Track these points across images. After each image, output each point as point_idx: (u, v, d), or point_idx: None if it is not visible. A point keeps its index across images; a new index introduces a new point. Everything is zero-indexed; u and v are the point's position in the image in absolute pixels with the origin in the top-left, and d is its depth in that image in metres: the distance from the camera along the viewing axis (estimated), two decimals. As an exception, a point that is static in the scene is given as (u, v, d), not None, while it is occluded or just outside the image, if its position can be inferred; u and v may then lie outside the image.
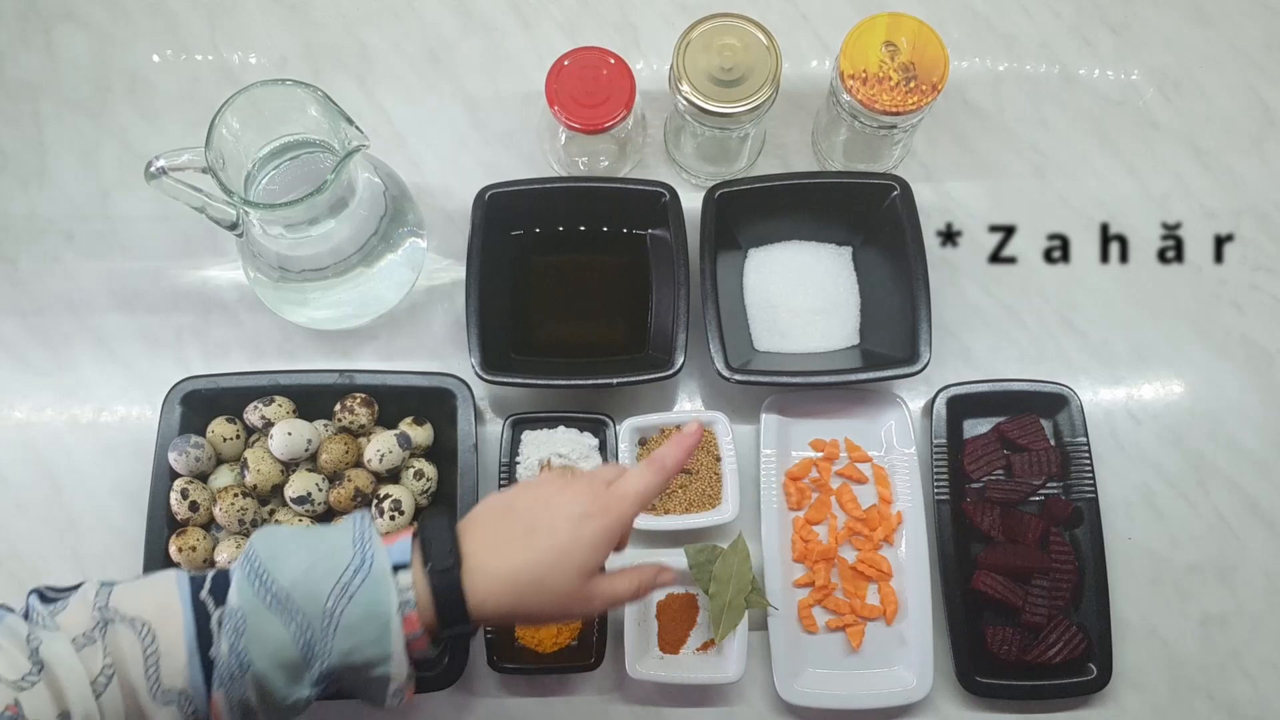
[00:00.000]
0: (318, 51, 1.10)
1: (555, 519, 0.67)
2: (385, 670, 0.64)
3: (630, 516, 0.70)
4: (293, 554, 0.64)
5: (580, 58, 0.96)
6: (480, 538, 0.67)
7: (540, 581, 0.66)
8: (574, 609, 0.69)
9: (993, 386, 0.99)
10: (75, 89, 1.08)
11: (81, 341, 1.03)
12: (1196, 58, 1.11)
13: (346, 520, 0.68)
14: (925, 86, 0.91)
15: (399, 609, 0.63)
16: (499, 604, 0.66)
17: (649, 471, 0.71)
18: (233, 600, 0.62)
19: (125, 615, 0.62)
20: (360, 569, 0.63)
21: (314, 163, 0.92)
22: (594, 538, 0.67)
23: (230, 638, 0.61)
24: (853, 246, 1.03)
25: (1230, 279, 1.05)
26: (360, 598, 0.63)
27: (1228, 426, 1.02)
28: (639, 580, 0.72)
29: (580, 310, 1.02)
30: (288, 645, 0.62)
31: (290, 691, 0.63)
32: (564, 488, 0.70)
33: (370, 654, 0.63)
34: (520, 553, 0.66)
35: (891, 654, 0.95)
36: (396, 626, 0.63)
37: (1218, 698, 0.96)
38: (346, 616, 0.62)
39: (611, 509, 0.68)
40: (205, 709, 0.63)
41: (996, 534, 0.95)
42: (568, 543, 0.66)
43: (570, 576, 0.67)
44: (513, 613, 0.67)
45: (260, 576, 0.63)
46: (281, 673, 0.62)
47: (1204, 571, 0.99)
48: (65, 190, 1.06)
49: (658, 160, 1.08)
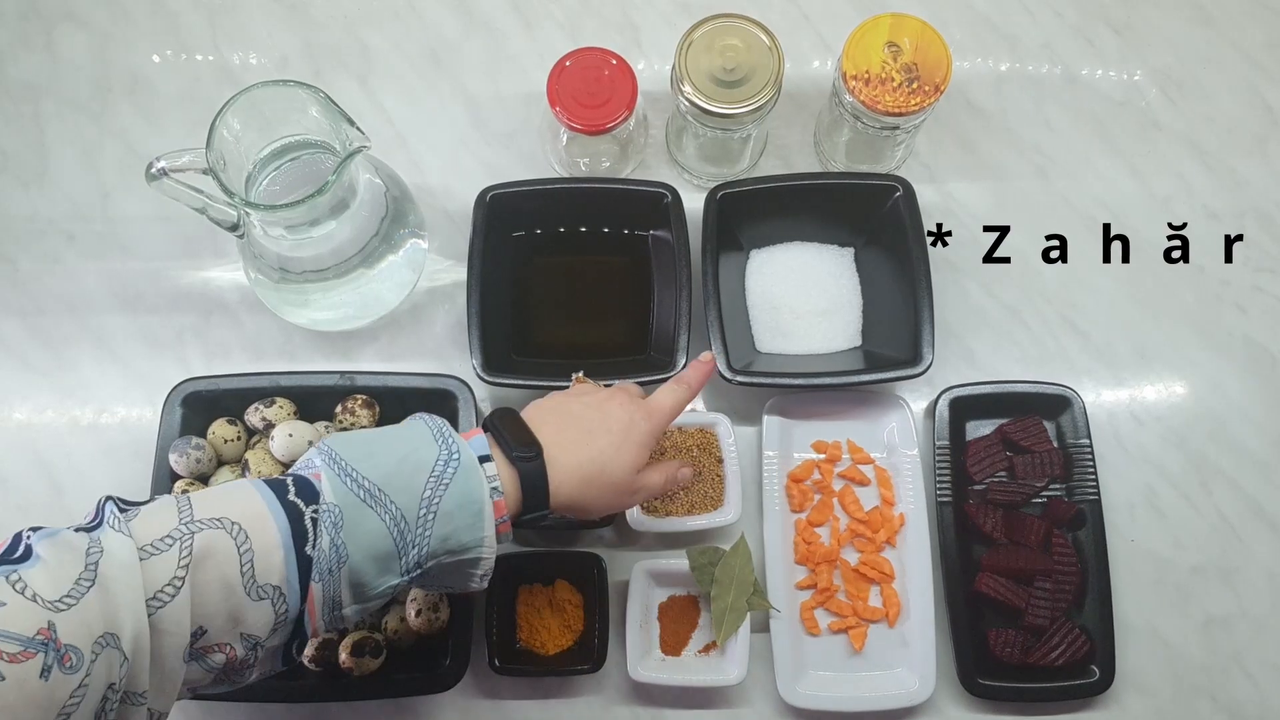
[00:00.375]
0: (318, 51, 1.09)
1: (610, 421, 0.76)
2: (479, 553, 0.69)
3: (666, 424, 0.80)
4: (376, 452, 0.68)
5: (582, 58, 0.95)
6: (549, 434, 0.74)
7: (602, 472, 0.75)
8: (624, 500, 0.78)
9: (995, 388, 0.99)
10: (76, 89, 1.08)
11: (82, 342, 1.02)
12: (1199, 58, 1.10)
13: (414, 421, 0.73)
14: (928, 87, 0.91)
15: (490, 494, 0.69)
16: (570, 492, 0.73)
17: (678, 388, 0.82)
18: (328, 496, 0.65)
19: (212, 519, 0.63)
20: (450, 460, 0.68)
21: (315, 164, 0.92)
22: (642, 438, 0.77)
23: (330, 532, 0.64)
24: (855, 247, 1.03)
25: (1233, 280, 1.05)
26: (455, 487, 0.68)
27: (1231, 428, 1.01)
28: (667, 474, 0.82)
29: (582, 311, 1.02)
30: (382, 536, 0.65)
31: (380, 581, 0.67)
32: (610, 396, 0.79)
33: (466, 539, 0.68)
34: (585, 448, 0.74)
35: (894, 656, 0.94)
36: (489, 511, 0.69)
37: (1220, 700, 0.96)
38: (444, 504, 0.67)
39: (655, 417, 0.79)
40: (298, 604, 0.64)
41: (999, 536, 0.95)
42: (621, 441, 0.76)
43: (625, 469, 0.76)
44: (580, 501, 0.75)
45: (350, 474, 0.66)
46: (374, 563, 0.66)
47: (1207, 573, 0.98)
48: (66, 191, 1.06)
49: (659, 161, 1.07)
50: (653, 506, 0.96)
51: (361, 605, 0.67)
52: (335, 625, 0.68)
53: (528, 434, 0.73)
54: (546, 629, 0.93)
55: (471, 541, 0.68)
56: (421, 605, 0.89)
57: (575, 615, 0.94)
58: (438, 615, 0.89)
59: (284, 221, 0.88)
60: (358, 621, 0.71)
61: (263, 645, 0.64)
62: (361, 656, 0.87)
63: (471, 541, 0.68)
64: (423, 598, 0.89)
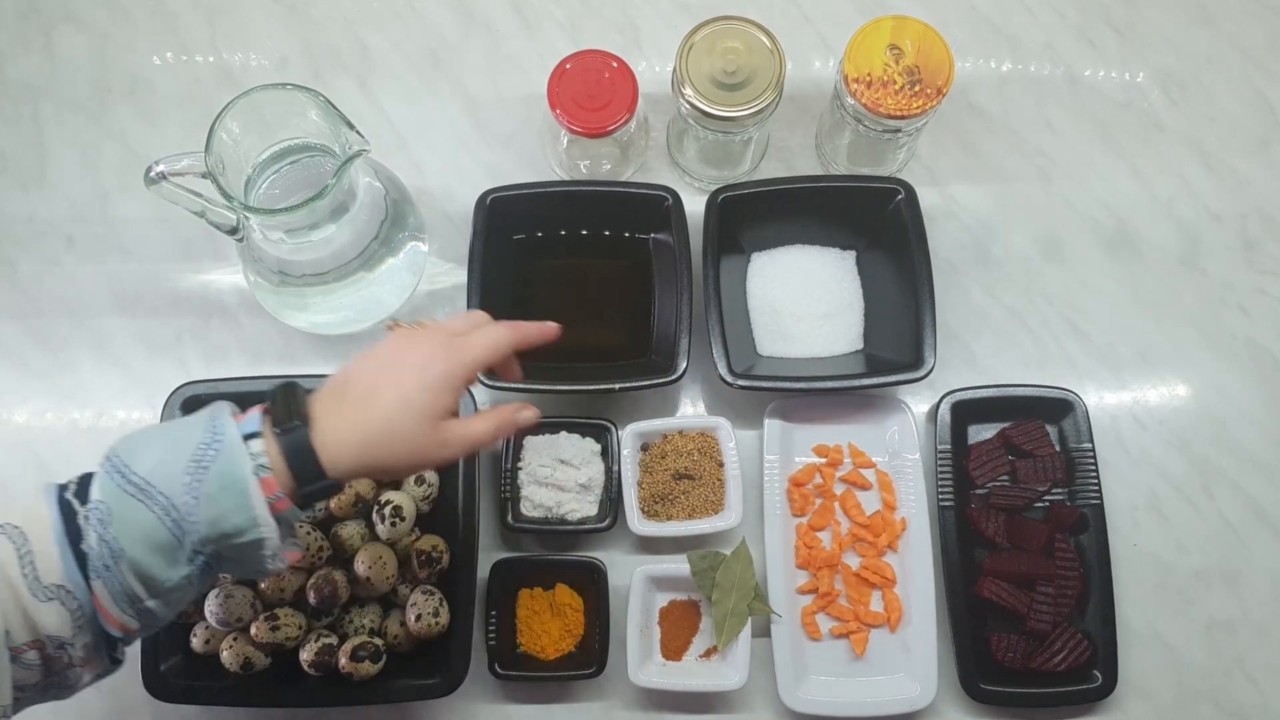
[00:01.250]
0: (318, 52, 1.09)
1: (399, 373, 0.71)
2: (256, 534, 0.66)
3: (476, 362, 0.73)
4: (149, 445, 0.67)
5: (582, 61, 0.95)
6: (325, 403, 0.70)
7: (390, 431, 0.69)
8: (430, 454, 0.72)
9: (997, 391, 0.98)
10: (75, 90, 1.08)
11: (81, 344, 1.02)
12: (1201, 59, 1.10)
13: (203, 410, 0.70)
14: (930, 90, 0.91)
15: (254, 472, 0.66)
16: (353, 458, 0.69)
17: (500, 328, 0.76)
18: (94, 494, 0.65)
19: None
20: (212, 443, 0.66)
21: (314, 167, 0.91)
22: (437, 381, 0.70)
23: (98, 529, 0.64)
24: (857, 250, 1.03)
25: (1236, 282, 1.04)
26: (215, 469, 0.65)
27: (1234, 431, 1.01)
28: (498, 420, 0.76)
29: (582, 314, 1.01)
30: (156, 528, 0.64)
31: (171, 573, 0.66)
32: (407, 344, 0.73)
33: (237, 521, 0.66)
34: (366, 409, 0.69)
35: (895, 661, 0.94)
36: (255, 490, 0.66)
37: (1223, 704, 0.96)
38: (206, 487, 0.65)
39: (456, 355, 0.72)
40: (89, 603, 0.65)
41: (1001, 540, 0.95)
42: (413, 390, 0.70)
43: (419, 421, 0.70)
44: (369, 465, 0.70)
45: (120, 470, 0.65)
46: (157, 555, 0.65)
47: (1209, 577, 0.98)
48: (65, 192, 1.06)
49: (660, 163, 1.07)
50: (653, 511, 0.96)
51: (163, 598, 0.67)
52: (149, 621, 0.68)
53: (294, 405, 0.69)
54: (547, 633, 0.93)
55: (244, 523, 0.66)
56: (421, 610, 0.89)
57: (576, 620, 0.94)
58: (437, 620, 0.89)
59: (283, 225, 0.87)
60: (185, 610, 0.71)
61: (71, 644, 0.66)
62: (361, 661, 0.87)
63: (244, 523, 0.66)
64: (423, 602, 0.89)
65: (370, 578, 0.89)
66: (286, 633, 0.88)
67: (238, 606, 0.88)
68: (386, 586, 0.90)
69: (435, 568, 0.91)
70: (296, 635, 0.89)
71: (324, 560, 0.90)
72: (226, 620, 0.88)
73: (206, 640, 0.90)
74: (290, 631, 0.88)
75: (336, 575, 0.89)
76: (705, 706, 0.95)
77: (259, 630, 0.88)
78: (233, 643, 0.89)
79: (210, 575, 0.69)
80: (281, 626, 0.88)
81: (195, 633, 0.91)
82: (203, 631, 0.90)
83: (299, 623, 0.89)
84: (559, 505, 0.95)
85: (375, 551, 0.90)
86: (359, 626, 0.91)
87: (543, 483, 0.95)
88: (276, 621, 0.88)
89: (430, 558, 0.90)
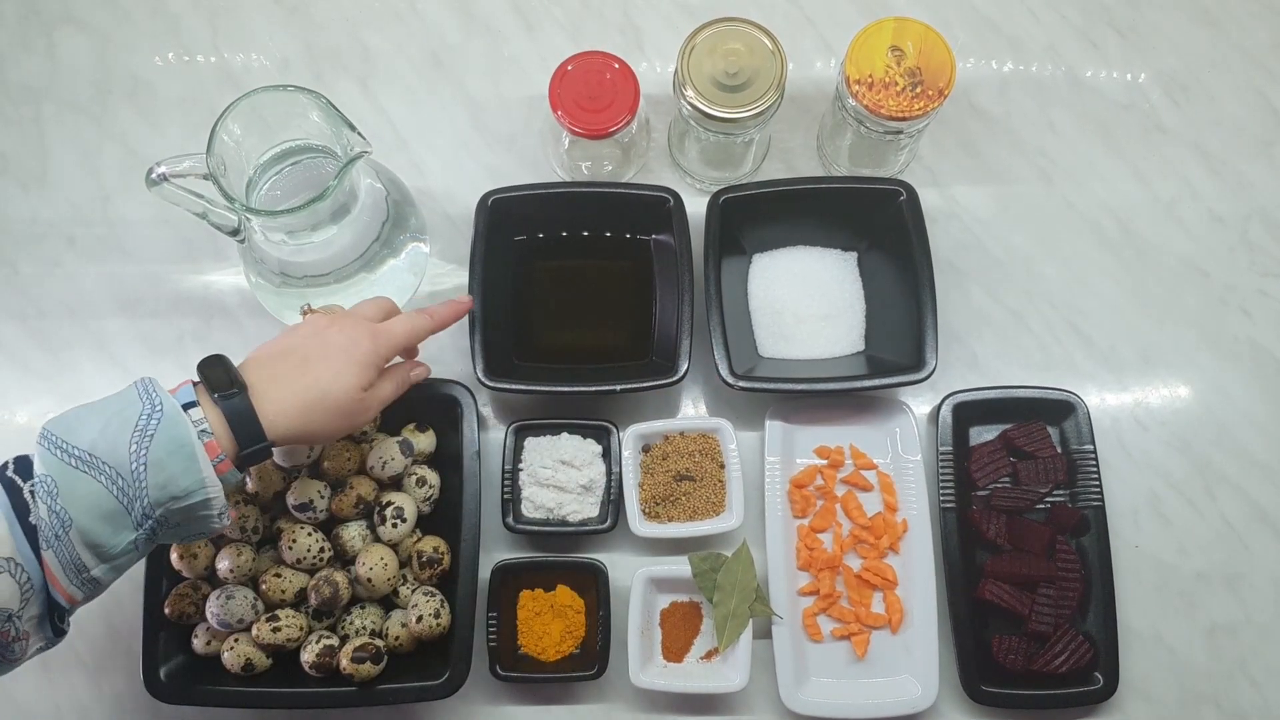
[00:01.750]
0: (319, 54, 1.09)
1: (329, 348, 0.78)
2: (204, 495, 0.70)
3: (396, 346, 0.83)
4: (84, 421, 0.70)
5: (584, 62, 0.95)
6: (260, 371, 0.76)
7: (323, 399, 0.76)
8: (356, 419, 0.80)
9: (999, 393, 0.98)
10: (76, 92, 1.08)
11: (82, 346, 1.02)
12: (1204, 61, 1.10)
13: (128, 386, 0.73)
14: (932, 92, 0.91)
15: (199, 436, 0.70)
16: (290, 422, 0.75)
17: (419, 317, 0.86)
18: (39, 469, 0.68)
19: None
20: (153, 413, 0.70)
21: (316, 168, 0.91)
22: (364, 357, 0.79)
23: (46, 500, 0.67)
24: (858, 252, 1.03)
25: (1238, 284, 1.04)
26: (160, 436, 0.69)
27: (1236, 433, 1.01)
28: (397, 379, 0.84)
29: (583, 316, 1.01)
30: (104, 496, 0.68)
31: (117, 539, 0.69)
32: (332, 322, 0.80)
33: (185, 483, 0.70)
34: (301, 377, 0.76)
35: (897, 663, 0.94)
36: (201, 453, 0.70)
37: (1225, 707, 0.95)
38: (152, 454, 0.69)
39: (381, 338, 0.81)
40: (39, 573, 0.68)
41: (1003, 542, 0.95)
42: (342, 365, 0.78)
43: (349, 392, 0.78)
44: (304, 429, 0.77)
45: (60, 445, 0.69)
46: (105, 523, 0.68)
47: (1211, 580, 0.98)
48: (66, 194, 1.06)
49: (662, 165, 1.07)
50: (654, 513, 0.96)
51: (110, 564, 0.70)
52: (90, 589, 0.71)
53: (230, 374, 0.74)
54: (548, 635, 0.93)
55: (192, 484, 0.70)
56: (423, 611, 0.89)
57: (577, 621, 0.94)
58: (439, 621, 0.89)
59: (285, 227, 0.87)
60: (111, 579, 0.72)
61: (19, 617, 0.68)
62: (362, 663, 0.87)
63: (192, 484, 0.70)
64: (424, 604, 0.89)
65: (372, 579, 0.89)
66: (288, 634, 0.88)
67: (239, 608, 0.88)
68: (388, 588, 0.90)
69: (436, 569, 0.91)
70: (298, 636, 0.89)
71: (325, 561, 0.90)
72: (228, 621, 0.88)
73: (208, 641, 0.90)
74: (291, 633, 0.88)
75: (338, 576, 0.89)
76: (706, 708, 0.94)
77: (260, 631, 0.88)
78: (234, 644, 0.89)
79: (152, 542, 0.72)
80: (283, 628, 0.88)
81: (196, 634, 0.91)
82: (204, 633, 0.91)
83: (300, 624, 0.89)
84: (560, 506, 0.95)
85: (377, 553, 0.90)
86: (360, 628, 0.91)
87: (544, 484, 0.95)
88: (278, 623, 0.88)
89: (431, 559, 0.90)
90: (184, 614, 0.90)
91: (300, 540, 0.89)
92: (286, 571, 0.90)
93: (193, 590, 0.90)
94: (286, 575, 0.90)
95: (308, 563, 0.90)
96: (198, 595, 0.90)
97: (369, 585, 0.89)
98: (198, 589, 0.91)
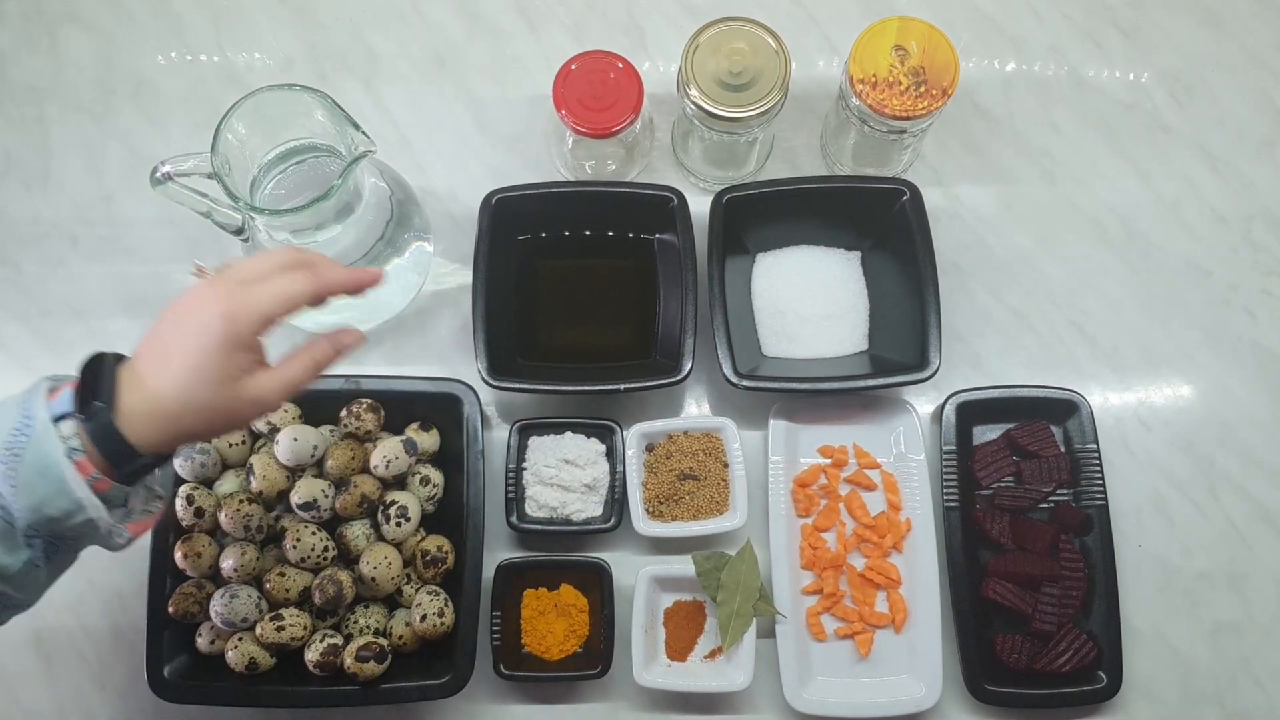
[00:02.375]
0: (323, 54, 1.09)
1: (184, 337, 0.65)
2: (84, 516, 0.65)
3: (264, 315, 0.67)
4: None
5: (587, 61, 0.95)
6: (129, 374, 0.66)
7: (186, 403, 0.65)
8: (241, 414, 0.68)
9: (1002, 393, 0.98)
10: (79, 92, 1.08)
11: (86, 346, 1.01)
12: (1207, 61, 1.10)
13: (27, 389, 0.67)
14: (935, 91, 0.91)
15: (66, 455, 0.64)
16: (159, 434, 0.66)
17: (300, 276, 0.68)
18: None
19: None
20: (24, 428, 0.64)
21: (320, 167, 0.91)
22: (221, 344, 0.65)
23: None
24: (861, 251, 1.03)
25: (1241, 284, 1.04)
26: (28, 455, 0.63)
27: (1239, 433, 1.01)
28: (312, 357, 0.71)
29: (587, 315, 1.02)
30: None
31: (13, 558, 0.65)
32: (193, 302, 0.67)
33: (60, 505, 0.64)
34: (159, 380, 0.65)
35: (900, 662, 0.94)
36: (71, 474, 0.64)
37: (1228, 707, 0.95)
38: (22, 474, 0.63)
39: (239, 312, 0.66)
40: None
41: (1006, 541, 0.95)
42: (198, 358, 0.65)
43: (213, 389, 0.65)
44: (176, 437, 0.67)
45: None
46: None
47: (1214, 579, 0.98)
48: (69, 193, 1.06)
49: (665, 164, 1.07)
50: (658, 512, 0.96)
51: (11, 584, 0.66)
52: (8, 603, 0.68)
53: (105, 381, 0.66)
54: (552, 634, 0.93)
55: (69, 506, 0.64)
56: (427, 610, 0.89)
57: (580, 620, 0.94)
58: (442, 620, 0.89)
59: (289, 226, 0.87)
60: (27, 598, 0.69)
61: None
62: (366, 662, 0.87)
63: (69, 506, 0.64)
64: (428, 603, 0.89)
65: (376, 578, 0.89)
66: (292, 633, 0.88)
67: (243, 607, 0.88)
68: (392, 587, 0.90)
69: (441, 568, 0.91)
70: (302, 635, 0.89)
71: (330, 561, 0.90)
72: (232, 620, 0.88)
73: (212, 640, 0.90)
74: (295, 632, 0.88)
75: (342, 575, 0.89)
76: (710, 707, 0.94)
77: (264, 630, 0.88)
78: (238, 643, 0.89)
79: (62, 555, 0.68)
80: (287, 627, 0.88)
81: (200, 633, 0.91)
82: (208, 631, 0.91)
83: (304, 623, 0.89)
84: (564, 505, 0.95)
85: (381, 552, 0.90)
86: (364, 627, 0.91)
87: (547, 483, 0.95)
88: (282, 622, 0.88)
89: (435, 558, 0.91)
90: (188, 613, 0.90)
91: (304, 539, 0.89)
92: (290, 570, 0.90)
93: (197, 589, 0.90)
94: (290, 574, 0.90)
95: (312, 562, 0.89)
96: (202, 594, 0.90)
97: (373, 584, 0.89)
98: (202, 588, 0.91)
